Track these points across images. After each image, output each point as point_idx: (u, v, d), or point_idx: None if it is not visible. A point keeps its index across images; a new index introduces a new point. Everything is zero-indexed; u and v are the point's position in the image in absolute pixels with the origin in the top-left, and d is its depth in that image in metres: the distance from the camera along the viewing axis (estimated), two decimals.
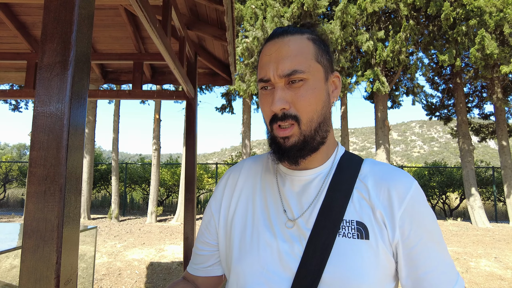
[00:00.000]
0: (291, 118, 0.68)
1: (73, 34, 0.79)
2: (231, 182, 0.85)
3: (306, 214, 0.70)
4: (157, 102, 10.68)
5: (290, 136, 0.68)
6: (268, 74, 0.69)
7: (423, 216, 0.68)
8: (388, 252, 0.66)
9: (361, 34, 8.98)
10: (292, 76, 0.67)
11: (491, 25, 8.17)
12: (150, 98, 3.49)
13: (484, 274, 5.39)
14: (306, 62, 0.69)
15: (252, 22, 8.54)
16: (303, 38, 0.71)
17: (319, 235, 0.66)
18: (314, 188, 0.73)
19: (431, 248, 0.67)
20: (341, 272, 0.63)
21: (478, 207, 10.18)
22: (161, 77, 4.03)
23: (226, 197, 0.83)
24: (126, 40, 3.57)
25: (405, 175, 0.71)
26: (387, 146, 10.29)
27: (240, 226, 0.76)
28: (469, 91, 12.78)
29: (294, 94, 0.68)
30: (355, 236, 0.66)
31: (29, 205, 0.69)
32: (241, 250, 0.73)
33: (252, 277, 0.68)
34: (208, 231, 0.84)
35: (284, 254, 0.67)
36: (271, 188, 0.78)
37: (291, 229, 0.70)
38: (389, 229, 0.66)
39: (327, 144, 0.75)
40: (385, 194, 0.69)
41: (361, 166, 0.76)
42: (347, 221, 0.67)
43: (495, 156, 79.61)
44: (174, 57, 2.45)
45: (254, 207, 0.77)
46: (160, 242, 7.01)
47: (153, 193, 10.26)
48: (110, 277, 5.35)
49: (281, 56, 0.69)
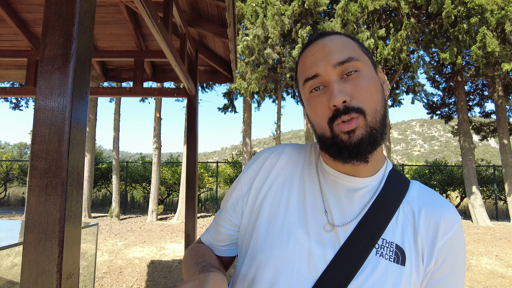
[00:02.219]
0: (354, 111, 0.61)
1: (74, 27, 0.78)
2: (268, 164, 0.77)
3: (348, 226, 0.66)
4: (158, 101, 10.67)
5: (356, 129, 0.62)
6: (317, 69, 0.64)
7: (459, 253, 0.66)
8: (418, 281, 0.64)
9: (362, 32, 8.96)
10: (347, 64, 0.63)
11: (492, 23, 8.14)
12: (151, 95, 3.48)
13: (485, 272, 5.39)
14: (356, 51, 0.66)
15: (252, 20, 8.52)
16: (342, 36, 0.69)
17: (354, 245, 0.63)
18: (361, 199, 0.68)
19: (456, 284, 0.66)
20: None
21: (479, 205, 10.17)
22: (162, 74, 4.02)
23: (260, 178, 0.76)
24: (127, 37, 3.56)
25: (452, 209, 0.69)
26: (387, 144, 10.28)
27: (270, 213, 0.71)
28: (470, 89, 12.76)
29: (352, 87, 0.63)
30: (391, 259, 0.62)
31: (30, 199, 0.69)
32: (267, 239, 0.68)
33: (276, 270, 0.64)
34: (234, 210, 0.78)
35: (314, 256, 0.64)
36: (312, 183, 0.72)
37: (329, 233, 0.66)
38: (426, 257, 0.64)
39: (377, 154, 0.69)
40: (432, 223, 0.66)
41: (409, 187, 0.72)
42: (386, 241, 0.64)
43: (496, 154, 79.49)
44: (176, 54, 2.44)
45: (289, 197, 0.71)
46: (161, 241, 7.02)
47: (153, 192, 10.26)
48: (111, 275, 5.35)
49: (329, 49, 0.65)
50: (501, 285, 4.95)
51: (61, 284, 0.65)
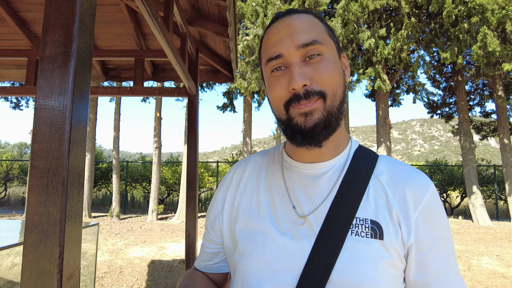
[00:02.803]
0: (316, 95, 0.61)
1: (75, 25, 0.77)
2: (236, 177, 0.80)
3: (317, 210, 0.65)
4: (158, 101, 10.67)
5: (314, 111, 0.62)
6: (281, 49, 0.63)
7: (438, 221, 0.64)
8: (401, 254, 0.62)
9: (363, 31, 8.95)
10: (311, 46, 0.62)
11: (493, 22, 8.13)
12: (152, 95, 3.48)
13: (486, 272, 5.38)
14: (322, 35, 0.65)
15: (253, 20, 8.51)
16: (310, 16, 0.67)
17: (329, 232, 0.62)
18: (327, 182, 0.68)
19: (442, 254, 0.64)
20: (352, 272, 0.59)
21: (480, 205, 10.16)
22: (162, 74, 4.01)
23: (231, 193, 0.78)
24: (127, 36, 3.55)
25: (422, 176, 0.67)
26: (388, 144, 10.27)
27: (245, 222, 0.72)
28: (470, 89, 12.75)
29: (313, 70, 0.62)
30: (368, 235, 0.61)
31: (31, 199, 0.68)
32: (246, 248, 0.68)
33: (258, 275, 0.65)
34: (212, 229, 0.81)
35: (292, 252, 0.63)
36: (277, 182, 0.73)
37: (301, 226, 0.65)
38: (404, 231, 0.62)
39: (339, 133, 0.70)
40: (401, 194, 0.65)
41: (377, 162, 0.71)
42: (360, 219, 0.63)
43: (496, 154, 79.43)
44: (176, 53, 2.43)
45: (258, 203, 0.72)
46: (161, 240, 7.01)
47: (154, 191, 10.26)
48: (111, 275, 5.35)
49: (294, 29, 0.63)
50: (502, 285, 4.94)
51: (61, 285, 0.65)
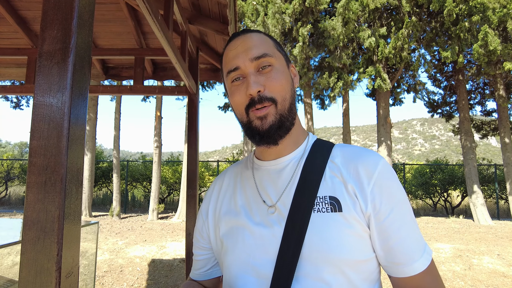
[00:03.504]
0: (267, 100, 0.72)
1: (73, 21, 0.76)
2: (217, 189, 0.91)
3: (283, 197, 0.75)
4: (158, 100, 10.66)
5: (267, 115, 0.72)
6: (238, 62, 0.74)
7: (392, 190, 0.71)
8: (362, 223, 0.69)
9: (363, 30, 8.92)
10: (262, 59, 0.73)
11: (494, 21, 8.11)
12: (152, 93, 3.47)
13: (487, 271, 5.37)
14: (271, 49, 0.76)
15: (253, 19, 8.49)
16: (260, 34, 0.80)
17: (296, 214, 0.70)
18: (288, 172, 0.78)
19: (400, 219, 0.69)
20: (318, 245, 0.67)
21: (480, 204, 10.14)
22: (162, 73, 4.00)
23: (213, 202, 0.89)
24: (127, 35, 3.54)
25: (372, 154, 0.75)
26: (388, 143, 10.25)
27: (226, 223, 0.81)
28: (471, 88, 12.72)
29: (265, 78, 0.73)
30: (328, 210, 0.69)
31: (29, 196, 0.67)
32: (229, 244, 0.77)
33: (240, 265, 0.73)
34: (201, 236, 0.89)
35: (266, 238, 0.71)
36: (248, 182, 0.84)
37: (273, 214, 0.74)
38: (361, 201, 0.70)
39: (296, 130, 0.81)
40: (354, 170, 0.72)
41: (332, 149, 0.80)
42: (320, 198, 0.71)
43: (497, 154, 79.29)
44: (176, 52, 2.42)
45: (235, 203, 0.82)
46: (161, 239, 7.01)
47: (154, 191, 10.26)
48: (111, 274, 5.35)
49: (248, 45, 0.75)
50: (503, 284, 4.93)
51: (60, 283, 0.64)
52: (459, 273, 5.32)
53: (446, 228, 9.26)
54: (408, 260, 0.68)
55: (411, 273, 0.68)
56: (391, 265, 0.70)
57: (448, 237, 7.88)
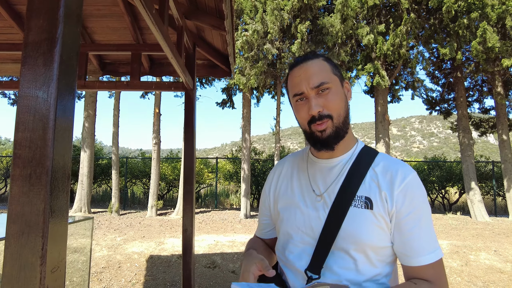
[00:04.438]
0: (326, 117, 0.92)
1: (60, 10, 0.74)
2: (278, 172, 1.16)
3: (329, 190, 0.97)
4: (157, 96, 10.61)
5: (326, 129, 0.93)
6: (302, 89, 0.94)
7: (416, 197, 0.90)
8: (386, 219, 0.90)
9: (362, 27, 8.88)
10: (320, 87, 0.92)
11: (493, 17, 8.08)
12: (149, 89, 3.45)
13: (483, 267, 5.39)
14: (328, 75, 0.95)
15: (252, 15, 8.44)
16: (320, 60, 0.99)
17: (338, 206, 0.93)
18: (337, 171, 1.00)
19: (417, 221, 0.89)
20: (351, 230, 0.90)
21: (478, 201, 10.17)
22: (159, 68, 3.97)
23: (274, 182, 1.15)
24: (124, 30, 3.52)
25: (407, 167, 0.95)
26: (387, 140, 10.25)
27: (283, 200, 1.07)
28: (469, 85, 12.70)
29: (324, 100, 0.93)
30: (363, 207, 0.91)
31: (13, 189, 0.66)
32: (284, 216, 1.04)
33: (293, 233, 1.00)
34: (264, 207, 1.18)
35: (313, 218, 0.96)
36: (303, 173, 1.07)
37: (319, 202, 0.97)
38: (389, 203, 0.90)
39: (348, 137, 1.00)
40: (389, 177, 0.93)
41: (375, 158, 1.00)
42: (358, 196, 0.93)
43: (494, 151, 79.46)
44: (172, 47, 2.40)
45: (292, 187, 1.07)
46: (160, 236, 7.01)
47: (153, 187, 10.24)
48: (109, 270, 5.34)
49: (309, 74, 0.94)
50: (499, 280, 4.95)
51: (45, 277, 0.63)
52: (456, 269, 5.33)
53: (444, 224, 9.28)
54: (415, 254, 0.88)
55: (415, 264, 0.88)
56: (401, 255, 0.91)
57: (445, 233, 7.90)
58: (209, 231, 7.81)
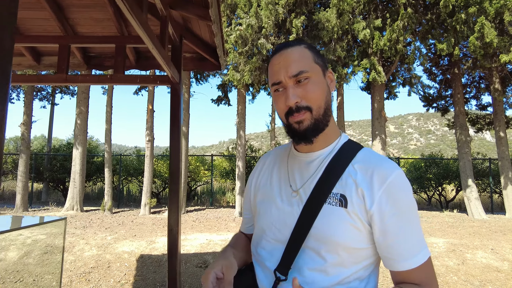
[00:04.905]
0: (303, 109, 0.87)
1: None
2: (261, 164, 1.13)
3: (305, 185, 0.93)
4: (150, 93, 10.45)
5: (304, 120, 0.88)
6: (280, 77, 0.89)
7: (400, 198, 0.83)
8: (363, 219, 0.84)
9: (358, 22, 8.74)
10: (299, 76, 0.87)
11: (491, 12, 7.97)
12: (133, 83, 3.31)
13: (480, 266, 5.31)
14: (308, 63, 0.89)
15: (246, 10, 8.28)
16: (301, 47, 0.92)
17: (312, 202, 0.88)
18: (314, 166, 0.94)
19: (403, 222, 0.82)
20: (322, 229, 0.85)
21: (475, 198, 10.10)
22: (146, 62, 3.83)
23: (256, 174, 1.11)
24: (107, 22, 3.37)
25: (390, 164, 0.87)
26: (383, 137, 10.14)
27: (261, 194, 1.04)
28: (467, 81, 12.61)
29: (303, 90, 0.87)
30: (337, 205, 0.86)
31: None
32: (261, 210, 1.01)
33: (266, 229, 0.96)
34: (248, 201, 1.13)
35: (287, 214, 0.92)
36: (283, 167, 1.03)
37: (295, 198, 0.93)
38: (367, 202, 0.83)
39: (329, 130, 0.94)
40: (368, 175, 0.86)
41: (357, 153, 0.92)
42: (334, 194, 0.87)
43: (491, 148, 79.67)
44: (153, 37, 2.27)
45: (271, 181, 1.03)
46: (151, 234, 6.88)
47: (146, 185, 10.10)
48: (98, 270, 5.22)
49: (288, 62, 0.88)
50: (496, 279, 4.87)
51: None
52: (453, 268, 5.24)
53: (440, 222, 9.21)
54: (401, 258, 0.82)
55: (400, 269, 0.83)
56: (387, 260, 0.85)
57: (442, 231, 7.82)
58: (202, 230, 7.69)
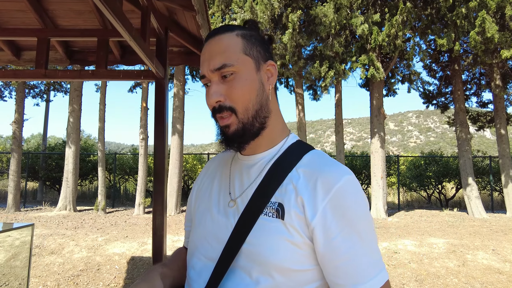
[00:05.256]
0: (226, 110, 0.74)
1: None
2: (206, 168, 0.98)
3: (243, 194, 0.78)
4: (144, 90, 10.25)
5: (230, 125, 0.75)
6: (203, 70, 0.76)
7: (348, 209, 0.68)
8: (303, 235, 0.69)
9: (356, 17, 8.55)
10: (222, 70, 0.73)
11: (492, 7, 7.78)
12: (116, 78, 3.13)
13: (481, 267, 5.15)
14: (234, 55, 0.74)
15: (241, 4, 8.07)
16: (232, 35, 0.76)
17: (248, 213, 0.74)
18: (255, 171, 0.80)
19: (351, 240, 0.67)
20: (255, 246, 0.70)
21: (475, 197, 9.94)
22: (131, 57, 3.64)
23: (199, 180, 0.96)
24: (89, 14, 3.18)
25: (339, 169, 0.72)
26: (382, 134, 9.97)
27: (200, 202, 0.89)
28: (467, 78, 12.45)
29: (227, 87, 0.74)
30: (273, 215, 0.71)
31: None
32: (196, 222, 0.86)
33: (197, 243, 0.81)
34: (189, 211, 0.97)
35: (222, 227, 0.77)
36: (226, 171, 0.88)
37: (232, 208, 0.78)
38: (308, 214, 0.68)
39: (271, 131, 0.81)
40: (312, 182, 0.71)
41: (304, 156, 0.78)
42: (272, 202, 0.72)
43: (491, 146, 79.51)
44: (130, 27, 2.08)
45: (212, 187, 0.88)
46: (144, 235, 6.71)
47: (140, 184, 9.93)
48: (88, 273, 5.06)
49: (212, 53, 0.75)
50: (498, 281, 4.71)
51: None
52: (453, 269, 5.09)
53: (440, 221, 9.05)
54: (352, 282, 0.67)
55: None
56: (334, 285, 0.69)
57: (442, 231, 7.66)
58: None
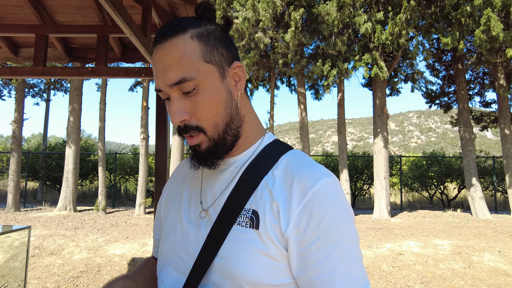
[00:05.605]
0: (194, 129, 0.66)
1: None
2: (176, 173, 0.90)
3: (215, 203, 0.71)
4: (145, 89, 10.18)
5: (200, 144, 0.68)
6: (159, 84, 0.66)
7: (325, 216, 0.61)
8: (279, 245, 0.63)
9: (359, 15, 8.46)
10: (181, 85, 0.63)
11: (497, 5, 7.68)
12: (117, 76, 3.05)
13: (488, 269, 5.06)
14: (193, 66, 0.63)
15: (242, 2, 7.99)
16: (185, 38, 0.64)
17: (220, 224, 0.67)
18: (227, 177, 0.73)
19: (327, 251, 0.60)
20: (227, 259, 0.64)
21: (479, 197, 9.84)
22: (132, 54, 3.56)
23: (169, 185, 0.88)
24: (88, 10, 3.09)
25: (315, 171, 0.65)
26: (385, 134, 9.88)
27: (169, 211, 0.81)
28: (470, 77, 12.35)
29: (191, 104, 0.65)
30: (247, 225, 0.65)
31: None
32: (165, 232, 0.78)
33: (167, 255, 0.74)
34: (158, 218, 0.90)
35: (192, 239, 0.70)
36: (198, 178, 0.80)
37: (203, 218, 0.71)
38: (282, 222, 0.62)
39: (245, 136, 0.74)
40: (287, 186, 0.65)
41: (281, 157, 0.71)
42: (246, 210, 0.66)
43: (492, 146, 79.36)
44: (130, 21, 2.00)
45: (181, 194, 0.80)
46: (145, 236, 6.63)
47: (141, 184, 9.85)
48: (88, 274, 4.99)
49: (165, 64, 0.64)
50: (505, 284, 4.62)
51: None
52: (459, 271, 4.99)
53: (444, 222, 8.95)
54: None
55: None
56: None
57: (446, 232, 7.56)
58: None
